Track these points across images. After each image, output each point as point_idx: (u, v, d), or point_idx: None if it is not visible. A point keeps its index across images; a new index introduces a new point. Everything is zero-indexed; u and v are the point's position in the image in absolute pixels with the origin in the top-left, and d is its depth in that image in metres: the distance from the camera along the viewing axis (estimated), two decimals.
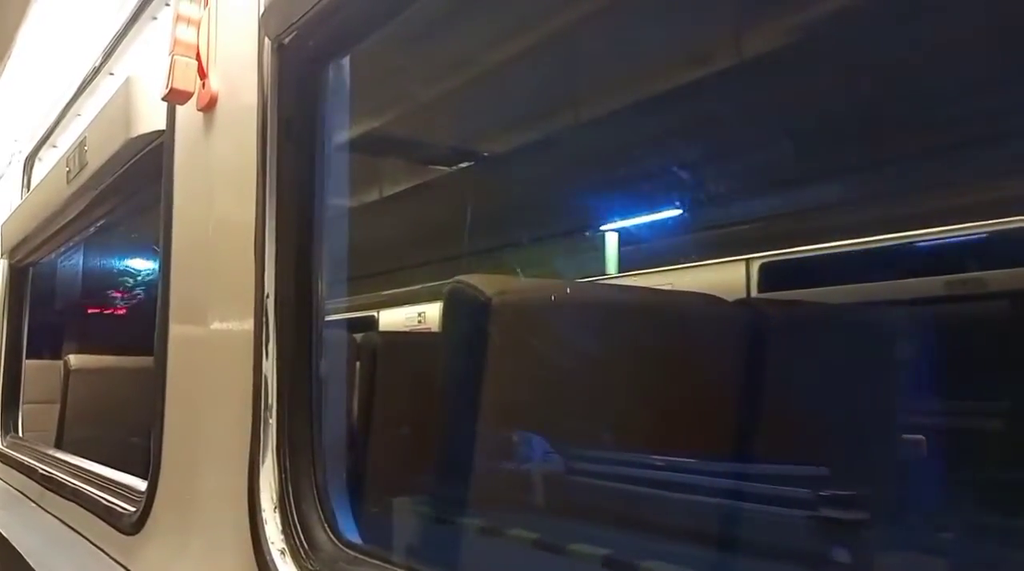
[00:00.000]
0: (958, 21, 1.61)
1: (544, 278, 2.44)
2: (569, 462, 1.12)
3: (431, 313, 4.42)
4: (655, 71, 1.94)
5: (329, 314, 1.04)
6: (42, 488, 1.97)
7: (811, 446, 1.23)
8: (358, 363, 2.69)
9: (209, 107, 1.13)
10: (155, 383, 1.28)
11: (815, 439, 1.25)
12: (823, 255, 2.49)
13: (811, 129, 2.14)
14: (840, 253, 2.43)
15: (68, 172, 1.80)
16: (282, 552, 0.90)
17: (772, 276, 2.69)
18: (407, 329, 4.67)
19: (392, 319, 4.87)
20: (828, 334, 1.44)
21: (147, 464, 1.30)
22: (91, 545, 1.51)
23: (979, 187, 2.11)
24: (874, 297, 2.30)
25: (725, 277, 2.80)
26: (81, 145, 1.70)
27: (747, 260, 2.76)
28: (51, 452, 2.23)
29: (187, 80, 1.11)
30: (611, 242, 3.31)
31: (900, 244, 2.27)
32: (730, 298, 1.48)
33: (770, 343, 1.29)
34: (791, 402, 1.25)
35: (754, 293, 2.72)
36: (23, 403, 2.77)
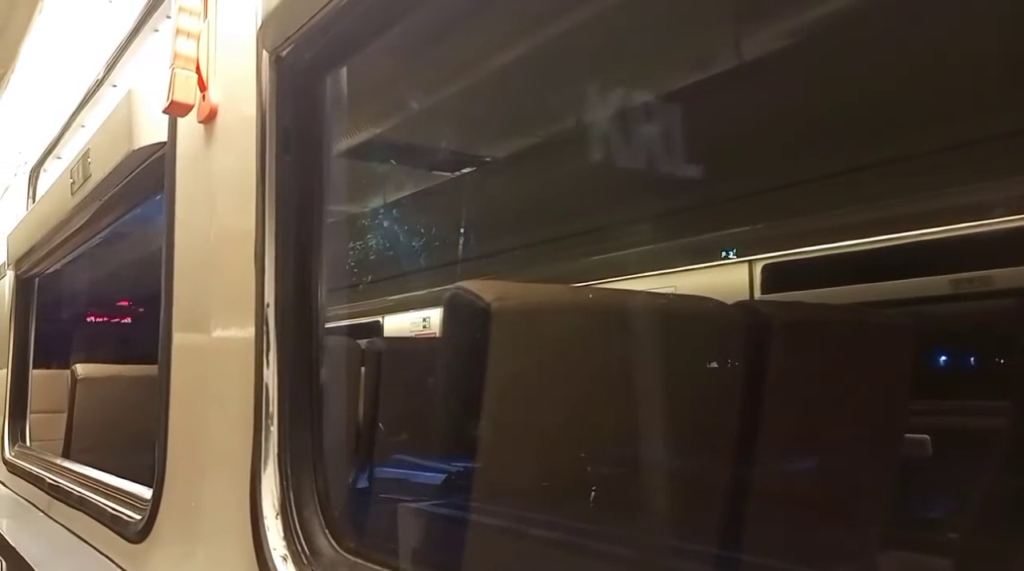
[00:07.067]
0: None
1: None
2: (567, 466, 1.12)
3: (435, 319, 4.43)
4: None
5: (330, 321, 1.05)
6: (49, 497, 1.98)
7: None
8: (363, 368, 2.70)
9: (209, 119, 1.15)
10: (159, 392, 1.29)
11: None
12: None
13: None
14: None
15: (72, 183, 1.82)
16: (284, 558, 0.91)
17: (775, 278, 2.69)
18: (412, 334, 4.68)
19: (397, 325, 4.88)
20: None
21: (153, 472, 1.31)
22: (98, 553, 1.52)
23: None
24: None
25: (726, 279, 2.80)
26: (84, 157, 1.71)
27: (750, 262, 2.77)
28: (58, 461, 2.25)
29: (187, 92, 1.12)
30: None
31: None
32: (731, 301, 1.48)
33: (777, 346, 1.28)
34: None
35: (757, 295, 2.72)
36: (30, 413, 2.79)
